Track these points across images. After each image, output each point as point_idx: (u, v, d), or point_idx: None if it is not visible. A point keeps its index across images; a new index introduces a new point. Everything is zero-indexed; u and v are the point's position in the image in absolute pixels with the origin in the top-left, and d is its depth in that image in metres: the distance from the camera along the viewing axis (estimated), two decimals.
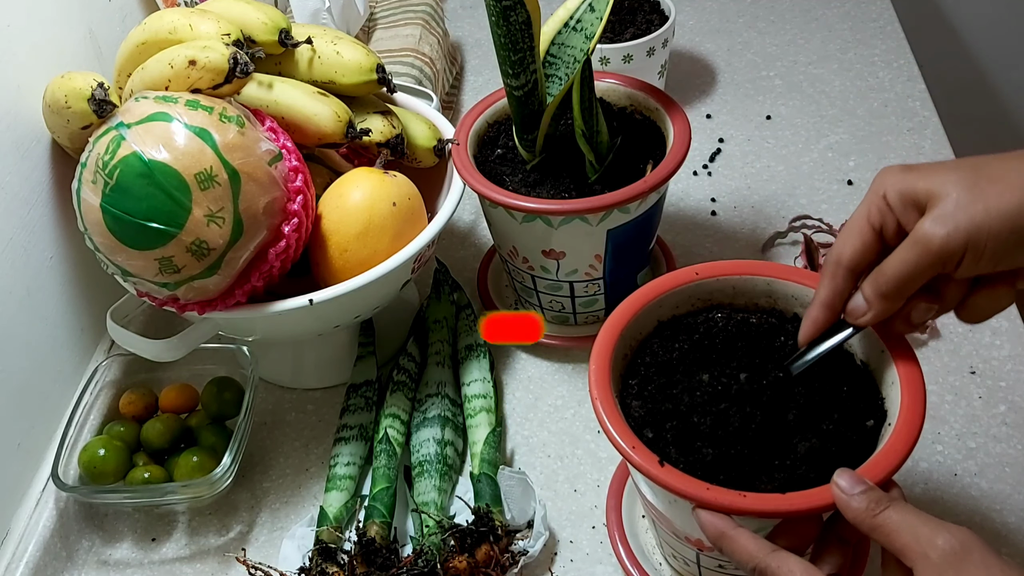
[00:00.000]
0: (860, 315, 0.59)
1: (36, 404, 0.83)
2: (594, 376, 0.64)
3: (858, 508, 0.53)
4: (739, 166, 1.09)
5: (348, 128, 0.83)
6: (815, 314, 0.61)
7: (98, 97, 0.75)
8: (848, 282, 0.59)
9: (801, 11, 1.30)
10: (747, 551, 0.54)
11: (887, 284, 0.57)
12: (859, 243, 0.58)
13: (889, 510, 0.52)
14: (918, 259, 0.55)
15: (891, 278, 0.56)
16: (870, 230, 0.58)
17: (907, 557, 0.50)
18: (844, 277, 0.59)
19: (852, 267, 0.59)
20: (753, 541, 0.55)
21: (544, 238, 0.83)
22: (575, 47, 0.81)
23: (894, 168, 0.58)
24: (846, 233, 0.59)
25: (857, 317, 0.59)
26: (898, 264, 0.56)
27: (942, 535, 0.50)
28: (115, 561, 0.81)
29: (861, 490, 0.54)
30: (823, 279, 0.60)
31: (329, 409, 0.90)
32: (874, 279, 0.58)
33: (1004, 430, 0.80)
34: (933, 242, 0.54)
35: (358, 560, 0.73)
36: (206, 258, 0.72)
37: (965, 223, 0.53)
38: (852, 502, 0.53)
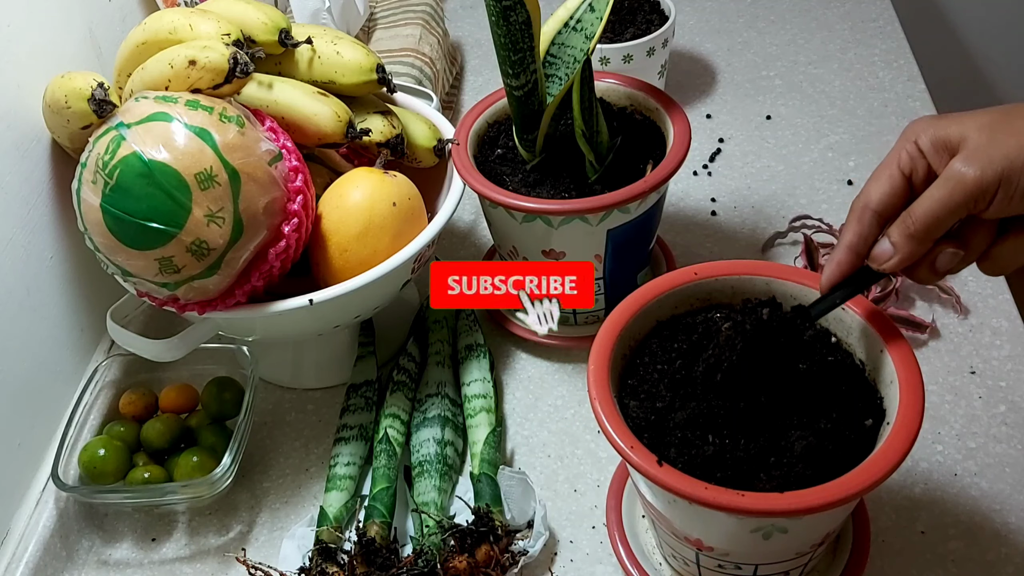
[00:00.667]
0: (885, 260, 0.58)
1: (36, 404, 0.83)
2: (593, 376, 0.64)
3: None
4: (739, 166, 1.09)
5: (348, 128, 0.83)
6: (840, 257, 0.60)
7: (98, 97, 0.75)
8: (874, 227, 0.58)
9: (801, 11, 1.30)
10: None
11: (916, 224, 0.56)
12: (888, 187, 0.57)
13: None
14: (951, 196, 0.54)
15: (920, 217, 0.55)
16: (900, 175, 0.57)
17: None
18: (871, 221, 0.58)
19: (880, 211, 0.58)
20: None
21: (544, 238, 0.83)
22: (575, 47, 0.81)
23: (925, 118, 0.58)
24: (875, 178, 0.58)
25: (882, 262, 0.58)
26: (929, 203, 0.55)
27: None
28: (115, 561, 0.81)
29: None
30: (849, 223, 0.59)
31: (329, 409, 0.90)
32: (903, 221, 0.57)
33: (1004, 430, 0.80)
34: (967, 177, 0.53)
35: (358, 560, 0.73)
36: (206, 258, 0.72)
37: (999, 158, 0.53)
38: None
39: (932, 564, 0.72)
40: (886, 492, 0.76)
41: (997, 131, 0.54)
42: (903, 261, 0.57)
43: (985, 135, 0.54)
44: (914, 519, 0.75)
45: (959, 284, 0.91)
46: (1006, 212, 0.55)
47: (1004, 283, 0.91)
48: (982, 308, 0.89)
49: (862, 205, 0.58)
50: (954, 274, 0.59)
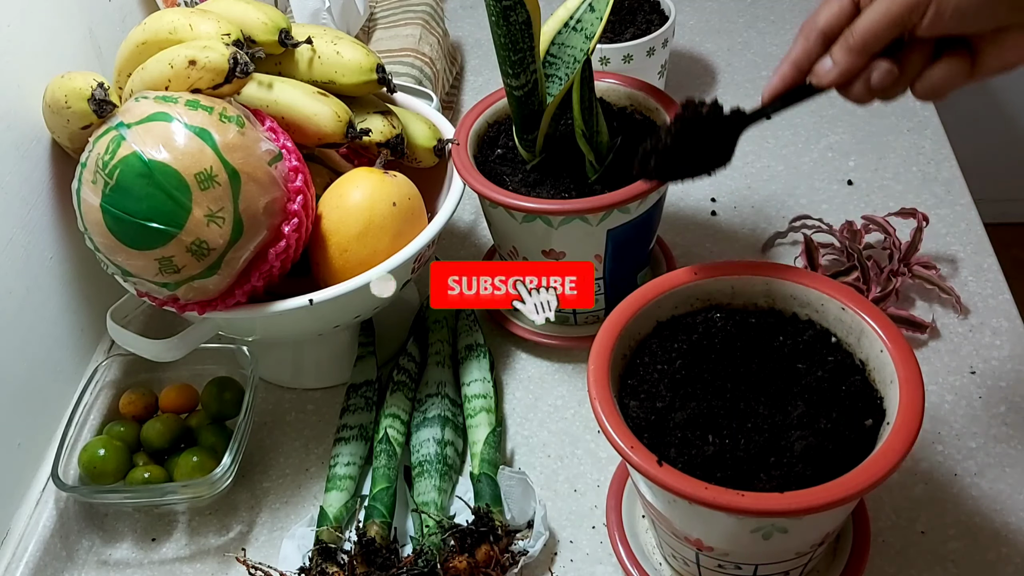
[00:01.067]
0: (825, 74, 0.61)
1: (36, 404, 0.83)
2: (593, 376, 0.64)
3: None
4: (739, 166, 1.09)
5: (348, 128, 0.83)
6: (784, 70, 0.63)
7: (98, 97, 0.75)
8: (819, 45, 0.61)
9: (801, 11, 1.30)
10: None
11: (855, 37, 0.59)
12: (836, 8, 0.60)
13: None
14: (887, 9, 0.57)
15: (859, 31, 0.58)
16: None
17: None
18: (816, 40, 0.61)
19: (825, 29, 0.60)
20: None
21: (544, 238, 0.83)
22: (575, 47, 0.81)
23: None
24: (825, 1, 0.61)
25: (822, 76, 0.61)
26: (867, 17, 0.58)
27: None
28: (115, 561, 0.81)
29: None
30: (796, 41, 0.62)
31: (329, 409, 0.90)
32: (844, 38, 0.60)
33: (1004, 430, 0.80)
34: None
35: (358, 560, 0.73)
36: (206, 258, 0.72)
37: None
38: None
39: (932, 564, 0.72)
40: (886, 492, 0.76)
41: None
42: (842, 75, 0.60)
43: None
44: (914, 519, 0.75)
45: (959, 284, 0.91)
46: (938, 29, 0.57)
47: (1004, 283, 0.91)
48: (982, 308, 0.89)
49: (810, 24, 0.61)
50: (889, 99, 0.62)
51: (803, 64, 0.62)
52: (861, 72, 0.60)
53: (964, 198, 1.00)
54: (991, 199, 1.34)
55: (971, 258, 0.93)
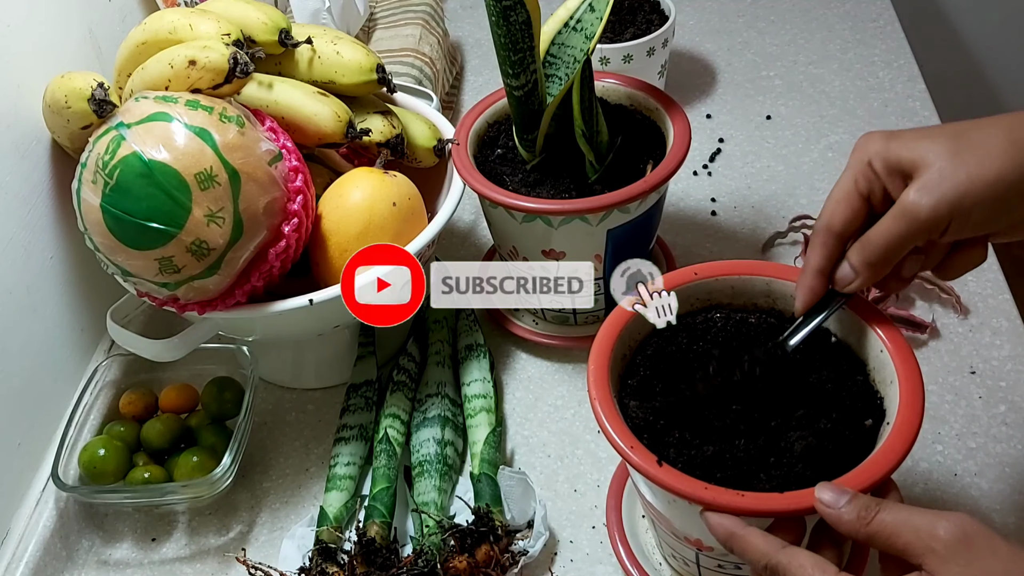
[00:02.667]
0: (847, 283, 0.60)
1: (36, 404, 0.83)
2: (592, 376, 0.64)
3: (849, 520, 0.53)
4: (739, 166, 1.09)
5: (348, 128, 0.83)
6: (810, 282, 0.61)
7: (98, 97, 0.75)
8: (838, 249, 0.60)
9: (801, 11, 1.30)
10: (758, 549, 0.54)
11: (874, 253, 0.58)
12: (848, 210, 0.59)
13: (880, 514, 0.52)
14: (906, 229, 0.56)
15: (878, 247, 0.57)
16: (858, 197, 0.59)
17: (912, 555, 0.50)
18: (834, 244, 0.60)
19: (842, 233, 0.60)
20: (763, 539, 0.55)
21: (544, 238, 0.83)
22: (575, 47, 0.81)
23: (875, 135, 0.59)
24: (834, 200, 0.59)
25: (845, 285, 0.60)
26: (885, 234, 0.57)
27: (941, 525, 0.50)
28: (115, 561, 0.81)
29: (847, 500, 0.53)
30: (813, 247, 0.61)
31: (329, 409, 0.90)
32: (861, 248, 0.58)
33: (1004, 430, 0.80)
34: (920, 213, 0.55)
35: (358, 560, 0.73)
36: (206, 258, 0.72)
37: (951, 193, 0.54)
38: (843, 515, 0.53)
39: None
40: None
41: (949, 159, 0.55)
42: (865, 283, 0.59)
43: (938, 165, 0.55)
44: None
45: (959, 284, 0.91)
46: (958, 237, 0.57)
47: (1004, 283, 0.91)
48: (982, 308, 0.89)
49: (825, 228, 0.60)
50: None
51: (827, 270, 0.61)
52: None
53: None
54: None
55: None
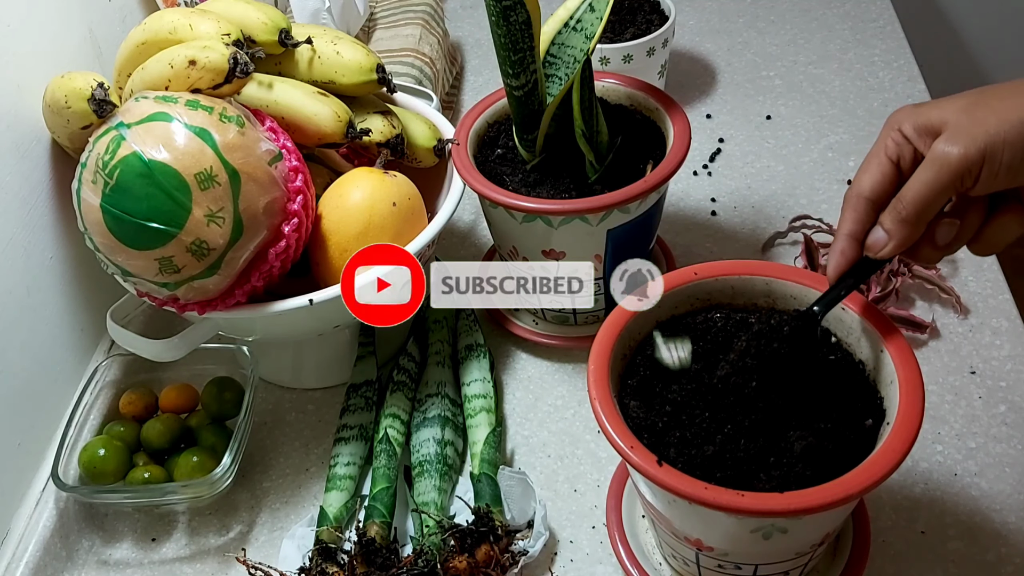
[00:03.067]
0: (880, 247, 0.59)
1: (36, 404, 0.83)
2: (593, 376, 0.64)
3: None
4: (739, 166, 1.09)
5: (348, 128, 0.83)
6: (843, 246, 0.61)
7: (98, 97, 0.75)
8: (870, 214, 0.60)
9: (801, 11, 1.30)
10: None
11: (907, 209, 0.57)
12: (879, 174, 0.59)
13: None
14: (937, 176, 0.55)
15: (911, 202, 0.57)
16: (888, 162, 0.59)
17: None
18: (866, 209, 0.59)
19: (873, 198, 0.59)
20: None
21: (544, 238, 0.83)
22: (575, 47, 0.81)
23: (907, 106, 0.59)
24: (865, 168, 0.59)
25: (878, 250, 0.59)
26: (918, 186, 0.56)
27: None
28: (115, 561, 0.81)
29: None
30: (845, 213, 0.60)
31: (329, 409, 0.90)
32: (893, 207, 0.58)
33: (1004, 430, 0.80)
34: (951, 157, 0.55)
35: (358, 560, 0.73)
36: (206, 258, 0.72)
37: (981, 135, 0.54)
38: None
39: (932, 564, 0.72)
40: (886, 492, 0.76)
41: (976, 111, 0.55)
42: (899, 246, 0.58)
43: (965, 116, 0.55)
44: (914, 519, 0.75)
45: (959, 284, 0.91)
46: (992, 188, 0.56)
47: (1004, 283, 0.91)
48: (982, 308, 0.89)
49: (856, 194, 0.60)
50: (953, 252, 0.61)
51: (860, 235, 0.60)
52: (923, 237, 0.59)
53: None
54: None
55: (971, 258, 0.93)
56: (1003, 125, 0.54)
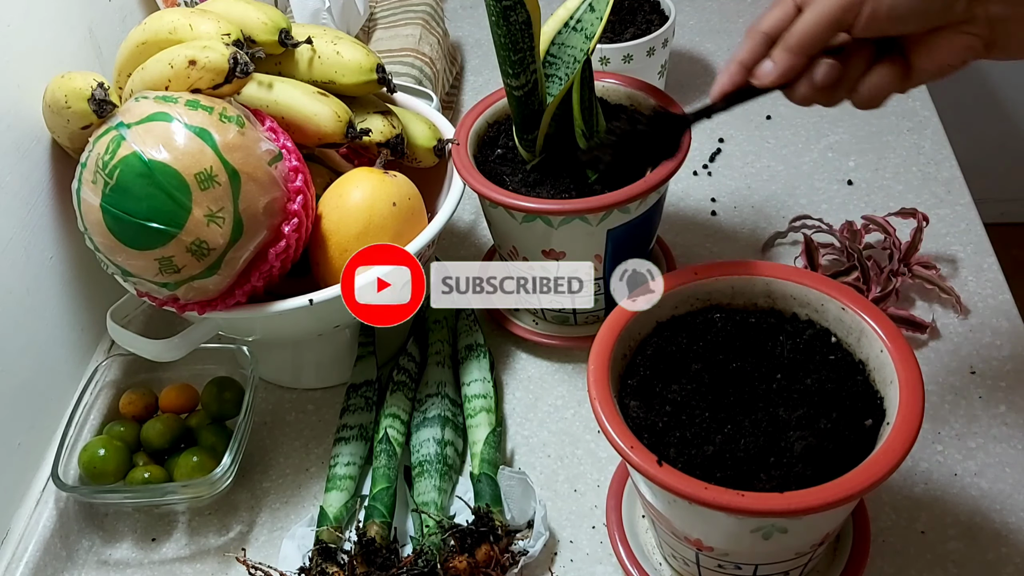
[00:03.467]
0: (766, 75, 0.62)
1: (36, 404, 0.83)
2: (592, 376, 0.64)
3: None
4: (739, 166, 1.09)
5: (348, 128, 0.83)
6: (731, 69, 0.64)
7: (98, 97, 0.75)
8: (763, 47, 0.63)
9: None
10: None
11: (793, 37, 0.60)
12: (780, 12, 0.62)
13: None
14: (823, 10, 0.59)
15: (797, 32, 0.60)
16: (791, 3, 0.61)
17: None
18: (761, 41, 0.63)
19: (769, 32, 0.62)
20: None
21: (544, 238, 0.83)
22: (575, 47, 0.81)
23: None
24: (771, 7, 0.63)
25: (763, 78, 0.63)
26: (805, 18, 0.60)
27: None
28: (115, 561, 0.81)
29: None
30: (742, 44, 0.64)
31: (329, 409, 0.90)
32: (782, 39, 0.61)
33: (1004, 430, 0.80)
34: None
35: (358, 560, 0.73)
36: (206, 258, 0.72)
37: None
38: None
39: (932, 564, 0.72)
40: (886, 492, 0.76)
41: None
42: (782, 75, 0.62)
43: None
44: (914, 519, 0.75)
45: (959, 284, 0.91)
46: (873, 30, 0.59)
47: (1004, 283, 0.91)
48: (982, 308, 0.89)
49: (755, 28, 0.63)
50: (830, 104, 0.65)
51: (749, 63, 0.64)
52: (803, 72, 0.62)
53: (964, 198, 1.00)
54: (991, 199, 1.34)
55: (971, 258, 0.93)
56: None
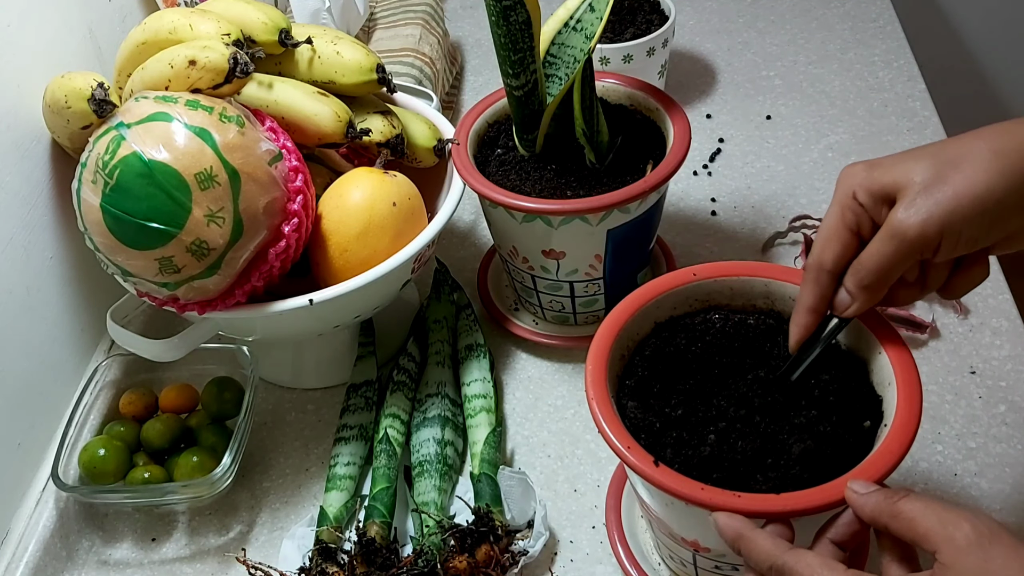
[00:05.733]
0: (846, 308, 0.60)
1: (36, 404, 0.83)
2: (590, 377, 0.64)
3: (876, 502, 0.52)
4: (739, 166, 1.09)
5: (348, 128, 0.83)
6: (803, 319, 0.62)
7: (98, 97, 0.75)
8: (830, 286, 0.60)
9: (801, 11, 1.30)
10: (764, 551, 0.54)
11: (868, 277, 0.58)
12: (839, 247, 0.59)
13: (907, 499, 0.51)
14: (896, 251, 0.56)
15: (871, 271, 0.57)
16: (847, 231, 0.58)
17: (930, 540, 0.49)
18: (827, 282, 0.60)
19: (834, 271, 0.60)
20: (771, 540, 0.54)
21: (544, 238, 0.83)
22: (575, 47, 0.81)
23: (857, 166, 0.58)
24: (824, 238, 0.59)
25: (843, 310, 0.60)
26: (876, 257, 0.57)
27: (968, 519, 0.49)
28: (115, 561, 0.81)
29: (875, 489, 0.53)
30: (805, 284, 0.61)
31: (329, 409, 0.90)
32: (854, 272, 0.58)
33: (1004, 430, 0.80)
34: (908, 233, 0.55)
35: (358, 560, 0.73)
36: (206, 258, 0.72)
37: (937, 211, 0.54)
38: (869, 499, 0.53)
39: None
40: None
41: (932, 179, 0.54)
42: (863, 307, 0.59)
43: (920, 186, 0.55)
44: None
45: None
46: (952, 256, 0.56)
47: (1004, 283, 0.91)
48: (982, 308, 0.89)
49: (817, 266, 0.60)
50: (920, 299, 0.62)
51: (820, 308, 0.61)
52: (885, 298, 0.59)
53: None
54: None
55: None
56: (961, 199, 0.53)
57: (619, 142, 0.85)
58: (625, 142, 0.86)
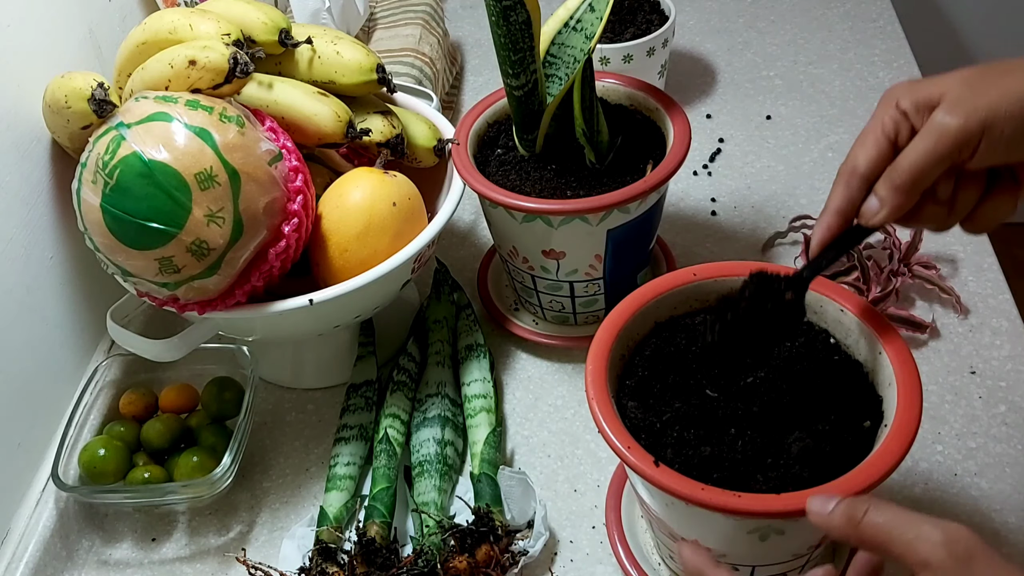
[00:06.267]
0: (873, 215, 0.58)
1: (36, 404, 0.83)
2: (590, 377, 0.64)
3: (839, 523, 0.51)
4: (739, 166, 1.09)
5: (348, 128, 0.83)
6: (828, 220, 0.60)
7: (98, 97, 0.75)
8: (862, 190, 0.59)
9: (801, 11, 1.30)
10: None
11: (902, 176, 0.56)
12: (874, 151, 0.58)
13: (869, 514, 0.50)
14: (935, 146, 0.55)
15: (906, 168, 0.56)
16: (884, 139, 0.58)
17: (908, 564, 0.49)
18: (859, 185, 0.59)
19: (866, 174, 0.58)
20: None
21: (544, 238, 0.83)
22: (575, 47, 0.81)
23: (903, 83, 0.59)
24: (861, 143, 0.58)
25: (870, 218, 0.58)
26: (914, 154, 0.55)
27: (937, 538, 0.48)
28: (115, 561, 0.81)
29: (835, 503, 0.52)
30: (836, 187, 0.60)
31: (329, 409, 0.90)
32: (888, 175, 0.57)
33: (1004, 430, 0.80)
34: (950, 127, 0.54)
35: (358, 560, 0.73)
36: (206, 258, 0.72)
37: (983, 106, 0.53)
38: (832, 519, 0.52)
39: None
40: (886, 492, 0.76)
41: (977, 83, 0.55)
42: (891, 214, 0.57)
43: (966, 87, 0.55)
44: None
45: (959, 284, 0.91)
46: (990, 161, 0.55)
47: (1004, 283, 0.91)
48: (982, 308, 0.89)
49: (849, 169, 0.59)
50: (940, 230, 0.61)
51: (848, 211, 0.59)
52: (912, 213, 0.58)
53: None
54: None
55: (971, 258, 0.93)
56: (1005, 97, 0.53)
57: (619, 142, 0.85)
58: (625, 142, 0.86)
